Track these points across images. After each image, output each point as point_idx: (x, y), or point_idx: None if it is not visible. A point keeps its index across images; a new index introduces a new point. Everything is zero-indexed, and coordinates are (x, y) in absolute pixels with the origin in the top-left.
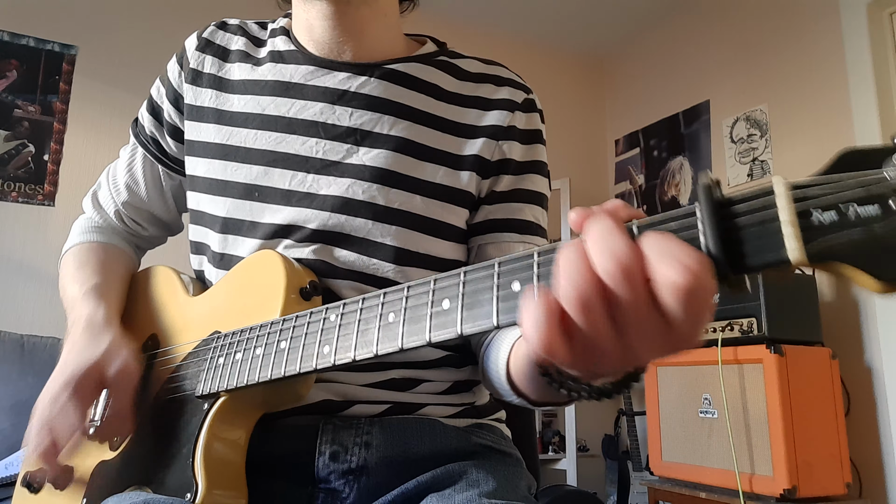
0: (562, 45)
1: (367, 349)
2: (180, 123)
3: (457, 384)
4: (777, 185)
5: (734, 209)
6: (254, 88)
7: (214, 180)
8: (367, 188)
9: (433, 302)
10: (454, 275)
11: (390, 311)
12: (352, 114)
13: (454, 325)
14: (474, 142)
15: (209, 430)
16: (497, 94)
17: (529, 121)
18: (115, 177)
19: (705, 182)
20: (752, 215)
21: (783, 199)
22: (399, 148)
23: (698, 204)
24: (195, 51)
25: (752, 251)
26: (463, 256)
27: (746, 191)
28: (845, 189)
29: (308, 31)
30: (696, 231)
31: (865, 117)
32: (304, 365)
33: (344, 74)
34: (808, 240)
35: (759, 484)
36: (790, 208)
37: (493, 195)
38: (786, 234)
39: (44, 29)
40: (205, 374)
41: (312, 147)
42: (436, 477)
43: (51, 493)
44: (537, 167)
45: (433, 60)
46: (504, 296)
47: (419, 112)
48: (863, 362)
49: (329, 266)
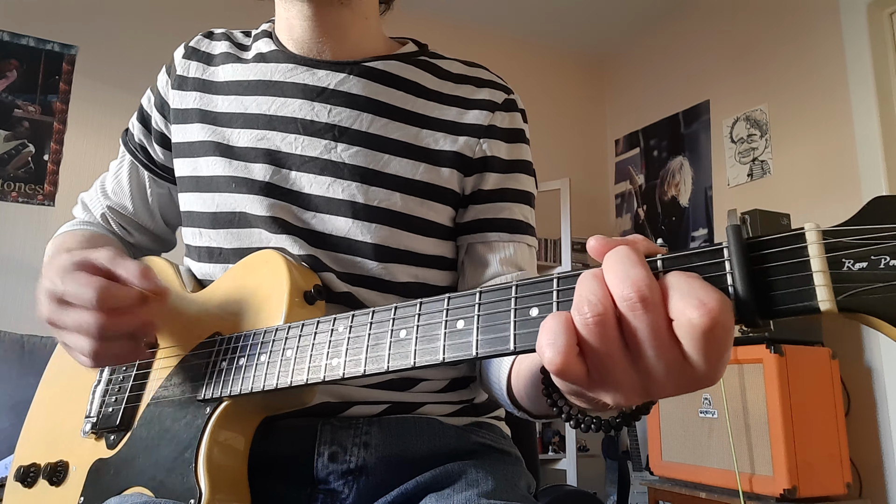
0: (562, 45)
1: (378, 364)
2: (166, 130)
3: (454, 381)
4: (809, 232)
5: (763, 252)
6: (237, 89)
7: (200, 177)
8: (347, 186)
9: (447, 322)
10: (469, 295)
11: (402, 328)
12: (330, 110)
13: (470, 348)
14: (455, 139)
15: (211, 436)
16: (477, 94)
17: (511, 120)
18: (103, 182)
19: (734, 222)
20: (783, 260)
21: (815, 247)
22: (377, 145)
23: (726, 243)
24: (182, 59)
25: (781, 297)
26: (449, 253)
27: (775, 234)
28: (878, 240)
29: (288, 30)
30: (723, 271)
31: (865, 117)
32: (311, 376)
33: (323, 72)
34: (839, 291)
35: (759, 484)
36: (822, 257)
37: (481, 194)
38: (817, 283)
39: (44, 29)
40: (206, 378)
41: (292, 143)
42: (435, 477)
43: (45, 488)
44: (523, 166)
45: (413, 59)
46: (521, 322)
47: (398, 109)
48: (863, 362)
49: (321, 262)
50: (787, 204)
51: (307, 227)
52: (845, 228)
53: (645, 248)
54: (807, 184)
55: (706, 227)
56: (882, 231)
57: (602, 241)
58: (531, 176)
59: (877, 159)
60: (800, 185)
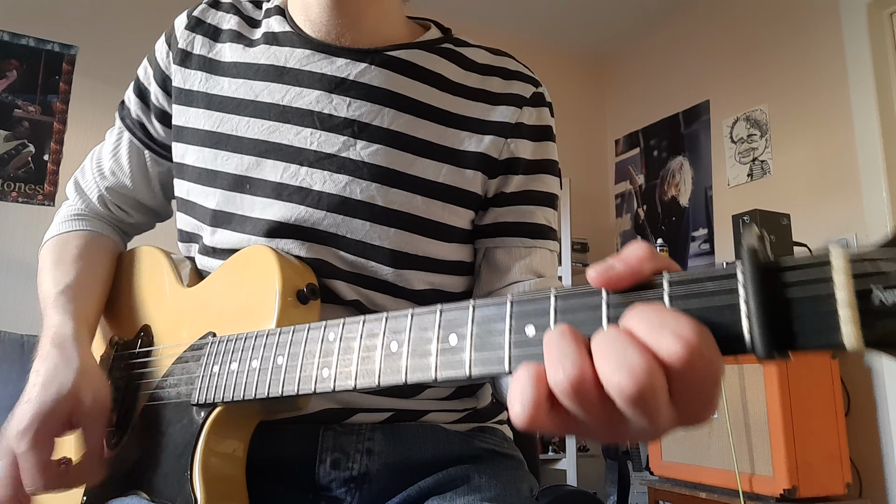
0: (562, 45)
1: (370, 379)
2: (168, 107)
3: (460, 389)
4: (836, 258)
5: (782, 278)
6: (246, 72)
7: (204, 170)
8: (366, 187)
9: (440, 337)
10: (462, 308)
11: (393, 340)
12: (350, 104)
13: (462, 367)
14: (481, 138)
15: (206, 442)
16: (505, 88)
17: (539, 116)
18: (99, 161)
19: (751, 244)
20: (804, 288)
21: (842, 276)
22: (400, 144)
23: (740, 266)
24: (184, 30)
25: (801, 330)
26: (468, 257)
27: (798, 259)
28: None
29: (304, 10)
30: (736, 299)
31: (865, 117)
32: (303, 386)
33: (342, 61)
34: (866, 325)
35: (759, 484)
36: (849, 287)
37: (503, 196)
38: (842, 318)
39: (44, 29)
40: (199, 381)
41: (307, 138)
42: (438, 481)
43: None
44: (548, 166)
45: (437, 48)
46: (517, 341)
47: (421, 104)
48: (863, 362)
49: (328, 266)
50: (787, 204)
51: (317, 228)
52: (875, 251)
53: (652, 269)
54: (807, 184)
55: (706, 228)
56: None
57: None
58: (556, 176)
59: (877, 159)
60: (800, 185)
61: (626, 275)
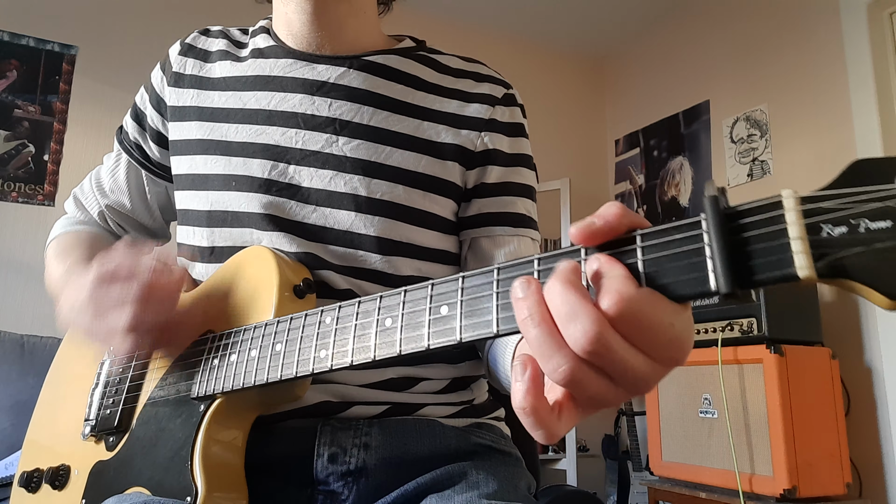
0: (562, 45)
1: (365, 354)
2: (163, 128)
3: (455, 381)
4: (787, 199)
5: (741, 222)
6: (235, 84)
7: (196, 175)
8: (349, 180)
9: (431, 308)
10: (452, 280)
11: (387, 317)
12: (331, 104)
13: (454, 333)
14: (457, 131)
15: (206, 433)
16: (477, 88)
17: (511, 114)
18: (98, 180)
19: (711, 193)
20: (761, 229)
21: (793, 214)
22: (379, 138)
23: (704, 215)
24: (178, 55)
25: (760, 266)
26: (452, 248)
27: (754, 203)
28: (856, 203)
29: (287, 25)
30: (701, 244)
31: (865, 117)
32: (300, 369)
33: (323, 66)
34: (817, 256)
35: (759, 484)
36: (800, 223)
37: (484, 187)
38: (795, 250)
39: (44, 29)
40: (199, 376)
41: (292, 137)
42: (435, 478)
43: (49, 493)
44: (525, 160)
45: (413, 54)
46: (504, 304)
47: (399, 102)
48: (863, 362)
49: (319, 259)
50: None
51: (306, 223)
52: (824, 193)
53: (627, 223)
54: (807, 184)
55: None
56: (862, 194)
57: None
58: (532, 170)
59: None
60: (800, 186)
61: (605, 229)
